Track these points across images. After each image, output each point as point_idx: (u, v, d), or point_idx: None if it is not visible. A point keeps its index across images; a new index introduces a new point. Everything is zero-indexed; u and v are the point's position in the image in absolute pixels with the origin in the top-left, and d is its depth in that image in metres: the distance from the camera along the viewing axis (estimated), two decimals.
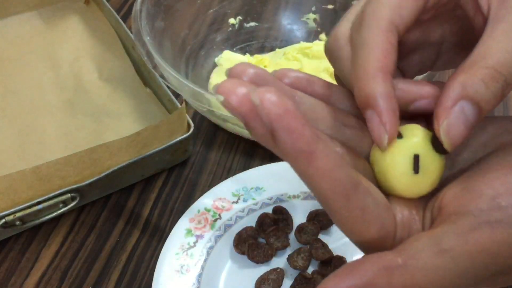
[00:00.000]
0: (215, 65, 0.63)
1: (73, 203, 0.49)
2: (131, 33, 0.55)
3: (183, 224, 0.47)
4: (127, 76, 0.61)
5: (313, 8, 0.66)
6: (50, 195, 0.47)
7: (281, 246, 0.47)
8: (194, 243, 0.46)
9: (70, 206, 0.49)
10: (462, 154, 0.25)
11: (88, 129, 0.56)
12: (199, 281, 0.44)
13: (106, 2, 0.65)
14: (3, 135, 0.56)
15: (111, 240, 0.49)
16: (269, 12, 0.67)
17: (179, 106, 0.52)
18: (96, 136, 0.55)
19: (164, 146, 0.50)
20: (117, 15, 0.63)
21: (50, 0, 0.67)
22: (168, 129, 0.50)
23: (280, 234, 0.47)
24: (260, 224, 0.48)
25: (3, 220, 0.46)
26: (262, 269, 0.45)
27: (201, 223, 0.47)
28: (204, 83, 0.61)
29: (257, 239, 0.47)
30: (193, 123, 0.52)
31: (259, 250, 0.46)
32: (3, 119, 0.57)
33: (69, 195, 0.48)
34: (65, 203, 0.48)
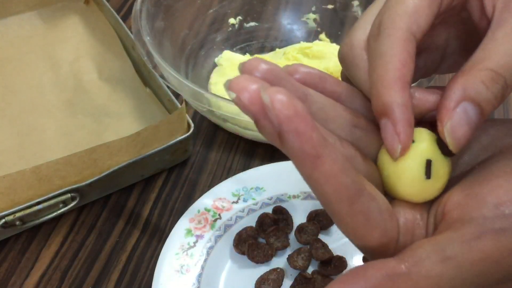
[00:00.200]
0: (215, 65, 0.63)
1: (73, 203, 0.49)
2: (131, 33, 0.55)
3: (183, 224, 0.47)
4: (127, 76, 0.61)
5: (313, 8, 0.66)
6: (50, 195, 0.47)
7: (281, 246, 0.47)
8: (194, 243, 0.46)
9: (70, 206, 0.49)
10: (463, 157, 0.25)
11: (88, 129, 0.56)
12: (199, 281, 0.44)
13: (106, 2, 0.65)
14: (3, 135, 0.56)
15: (111, 240, 0.49)
16: (269, 12, 0.67)
17: (179, 106, 0.52)
18: (96, 136, 0.55)
19: (164, 146, 0.50)
20: (117, 15, 0.63)
21: (50, 0, 0.67)
22: (168, 129, 0.50)
23: (280, 234, 0.47)
24: (260, 224, 0.48)
25: (3, 220, 0.46)
26: (262, 269, 0.45)
27: (201, 223, 0.47)
28: (204, 83, 0.61)
29: (257, 239, 0.47)
30: (193, 123, 0.52)
31: (259, 250, 0.46)
32: (3, 119, 0.57)
33: (69, 195, 0.48)
34: (65, 203, 0.48)
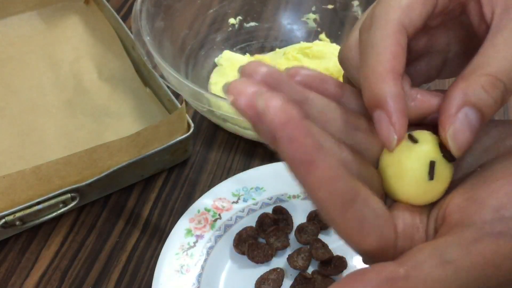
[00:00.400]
0: (215, 65, 0.63)
1: (73, 203, 0.49)
2: (131, 33, 0.55)
3: (183, 224, 0.47)
4: (127, 76, 0.61)
5: (313, 8, 0.66)
6: (50, 195, 0.47)
7: (281, 246, 0.47)
8: (194, 243, 0.46)
9: (70, 206, 0.49)
10: (466, 159, 0.25)
11: (88, 129, 0.56)
12: (199, 281, 0.44)
13: (106, 2, 0.65)
14: (3, 135, 0.56)
15: (111, 240, 0.49)
16: (269, 12, 0.67)
17: (179, 106, 0.52)
18: (96, 136, 0.55)
19: (164, 146, 0.50)
20: (117, 15, 0.63)
21: (50, 0, 0.67)
22: (168, 129, 0.50)
23: (280, 234, 0.47)
24: (260, 224, 0.48)
25: (3, 220, 0.46)
26: (262, 269, 0.45)
27: (201, 223, 0.47)
28: (204, 83, 0.61)
29: (257, 239, 0.47)
30: (193, 123, 0.52)
31: (259, 250, 0.46)
32: (3, 119, 0.57)
33: (69, 195, 0.48)
34: (65, 203, 0.48)
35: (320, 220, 0.48)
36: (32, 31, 0.66)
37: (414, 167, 0.23)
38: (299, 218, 0.49)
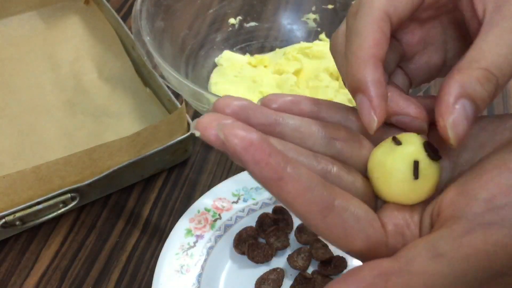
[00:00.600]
0: (215, 65, 0.63)
1: (73, 203, 0.49)
2: (131, 33, 0.55)
3: (183, 224, 0.47)
4: (127, 76, 0.61)
5: (313, 8, 0.66)
6: (50, 195, 0.47)
7: (281, 246, 0.47)
8: (194, 243, 0.46)
9: (70, 206, 0.49)
10: (463, 156, 0.25)
11: (88, 129, 0.56)
12: (199, 281, 0.44)
13: (106, 2, 0.65)
14: (3, 135, 0.56)
15: (111, 240, 0.49)
16: (269, 12, 0.67)
17: (179, 106, 0.52)
18: (96, 136, 0.55)
19: (164, 146, 0.50)
20: (117, 15, 0.63)
21: (50, 0, 0.68)
22: (168, 129, 0.50)
23: (280, 234, 0.47)
24: (260, 224, 0.48)
25: (3, 220, 0.46)
26: (262, 269, 0.45)
27: (201, 223, 0.47)
28: (204, 83, 0.61)
29: (257, 239, 0.47)
30: None
31: (259, 250, 0.46)
32: (3, 119, 0.57)
33: (69, 195, 0.48)
34: (65, 203, 0.48)
35: None
36: (32, 31, 0.66)
37: (399, 168, 0.24)
38: None
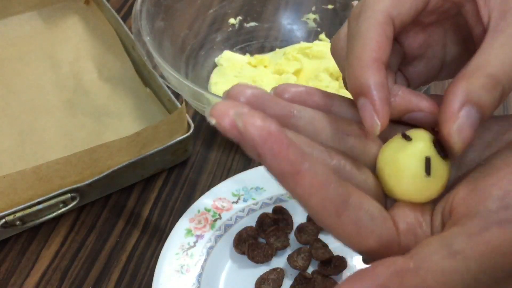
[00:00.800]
0: (215, 65, 0.63)
1: (73, 203, 0.49)
2: (131, 33, 0.55)
3: (183, 224, 0.47)
4: (127, 76, 0.61)
5: (313, 8, 0.66)
6: (50, 195, 0.47)
7: (281, 246, 0.47)
8: (194, 243, 0.46)
9: (70, 206, 0.49)
10: (468, 155, 0.25)
11: (88, 129, 0.56)
12: (199, 281, 0.44)
13: (106, 2, 0.65)
14: (3, 135, 0.56)
15: (111, 240, 0.49)
16: (269, 12, 0.67)
17: (179, 106, 0.52)
18: (96, 136, 0.55)
19: (164, 146, 0.50)
20: (117, 15, 0.63)
21: (50, 0, 0.67)
22: (168, 129, 0.50)
23: (280, 234, 0.47)
24: (260, 224, 0.48)
25: (3, 220, 0.46)
26: (262, 269, 0.45)
27: (201, 223, 0.47)
28: (204, 83, 0.61)
29: (257, 239, 0.47)
30: (193, 123, 0.52)
31: (259, 250, 0.46)
32: (3, 119, 0.57)
33: (69, 195, 0.48)
34: (65, 203, 0.48)
35: None
36: (32, 31, 0.66)
37: (410, 165, 0.23)
38: (299, 218, 0.49)
